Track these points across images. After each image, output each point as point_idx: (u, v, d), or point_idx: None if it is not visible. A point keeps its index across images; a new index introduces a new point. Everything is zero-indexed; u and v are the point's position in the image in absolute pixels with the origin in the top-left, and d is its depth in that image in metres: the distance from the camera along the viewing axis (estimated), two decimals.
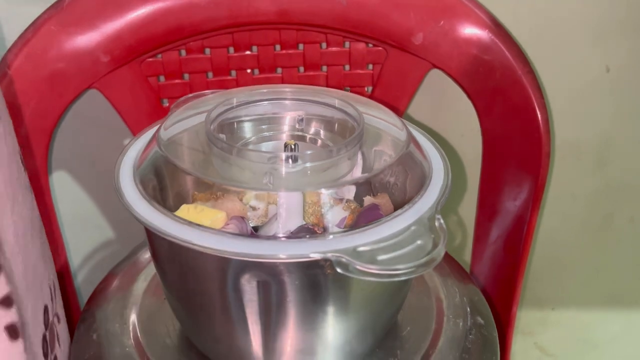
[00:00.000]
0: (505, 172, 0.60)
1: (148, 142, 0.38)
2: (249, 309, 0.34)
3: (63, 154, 0.65)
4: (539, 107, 0.57)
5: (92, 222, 0.70)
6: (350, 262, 0.30)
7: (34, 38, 0.53)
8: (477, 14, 0.56)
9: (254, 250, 0.30)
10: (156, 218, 0.32)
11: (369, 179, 0.39)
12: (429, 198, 0.35)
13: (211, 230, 0.32)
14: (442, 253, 0.31)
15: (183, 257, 0.34)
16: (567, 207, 0.78)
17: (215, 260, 0.32)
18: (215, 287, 0.34)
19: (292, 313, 0.34)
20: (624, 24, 0.65)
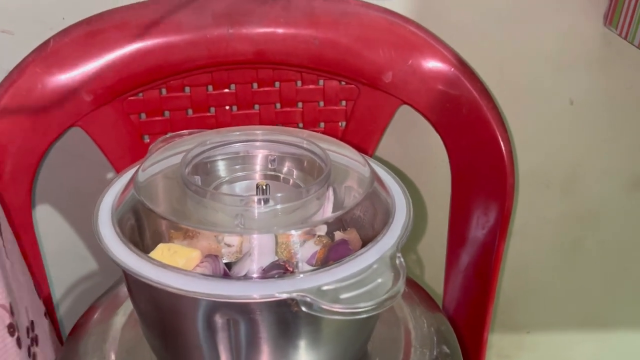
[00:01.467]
0: (473, 202, 0.63)
1: (126, 185, 0.40)
2: (221, 346, 0.36)
3: (47, 188, 0.67)
4: (503, 141, 0.59)
5: (75, 254, 0.72)
6: (314, 301, 0.32)
7: (20, 79, 0.55)
8: (442, 53, 0.59)
9: (224, 291, 0.32)
10: (131, 260, 0.34)
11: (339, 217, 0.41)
12: (391, 236, 0.37)
13: (183, 271, 0.34)
14: (401, 290, 0.33)
15: (157, 297, 0.36)
16: (537, 233, 0.81)
17: (187, 300, 0.34)
18: (188, 325, 0.36)
19: (264, 349, 0.36)
20: (585, 58, 0.69)
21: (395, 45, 0.59)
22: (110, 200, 0.40)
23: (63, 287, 0.73)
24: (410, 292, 0.52)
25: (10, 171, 0.56)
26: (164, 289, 0.33)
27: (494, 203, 0.61)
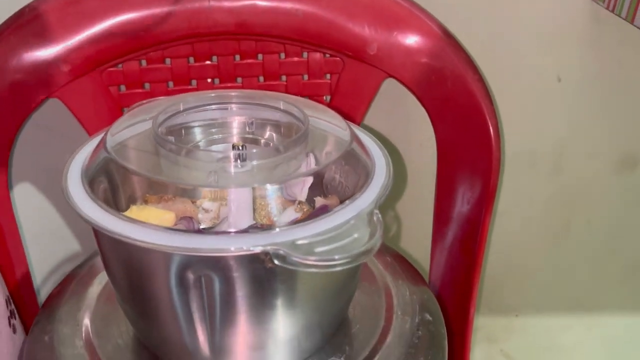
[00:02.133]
0: (458, 176, 0.62)
1: (96, 146, 0.39)
2: (194, 304, 0.35)
3: (24, 165, 0.66)
4: (489, 114, 0.59)
5: (56, 234, 0.71)
6: (288, 254, 0.31)
7: None
8: (428, 25, 0.58)
9: (195, 244, 0.31)
10: (100, 216, 0.33)
11: (315, 175, 0.40)
12: (369, 195, 0.37)
13: (153, 226, 0.33)
14: (377, 244, 0.32)
15: (127, 255, 0.35)
16: (525, 213, 0.80)
17: (157, 256, 0.33)
18: (159, 283, 0.35)
19: (238, 308, 0.35)
20: (572, 35, 0.68)
21: (380, 16, 0.58)
22: (80, 160, 0.39)
23: (44, 269, 0.71)
24: (394, 263, 0.51)
25: None
26: (134, 244, 0.32)
27: (480, 177, 0.60)
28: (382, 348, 0.42)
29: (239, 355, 0.38)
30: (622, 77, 0.71)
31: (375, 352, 0.41)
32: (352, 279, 0.41)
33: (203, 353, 0.37)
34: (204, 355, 0.38)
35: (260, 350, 0.38)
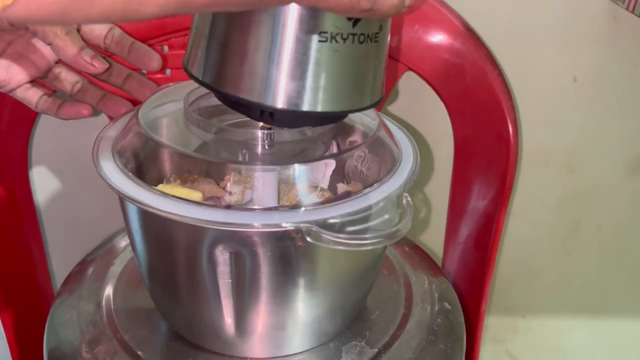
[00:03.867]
0: (475, 171, 0.62)
1: (127, 122, 0.40)
2: (222, 281, 0.35)
3: (43, 149, 0.66)
4: (508, 109, 0.59)
5: (72, 219, 0.71)
6: (320, 232, 0.31)
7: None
8: (449, 20, 0.59)
9: (228, 219, 0.32)
10: (131, 188, 0.33)
11: (338, 161, 0.40)
12: (398, 178, 0.37)
13: (185, 200, 0.33)
14: (408, 226, 0.32)
15: (157, 228, 0.35)
16: (535, 213, 0.81)
17: (189, 230, 0.34)
18: (190, 259, 0.35)
19: (264, 286, 0.35)
20: (590, 35, 0.68)
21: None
22: (110, 137, 0.39)
23: (59, 252, 0.71)
24: (412, 253, 0.52)
25: (7, 122, 0.55)
26: (166, 217, 0.32)
27: (496, 173, 0.61)
28: (402, 334, 0.42)
29: (262, 334, 0.38)
30: (637, 78, 0.72)
31: (395, 338, 0.41)
32: (375, 265, 0.41)
33: (227, 331, 0.38)
34: (227, 333, 0.38)
35: (283, 330, 0.38)
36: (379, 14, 0.30)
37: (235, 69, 0.31)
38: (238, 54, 0.31)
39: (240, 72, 0.31)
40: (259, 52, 0.30)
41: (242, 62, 0.31)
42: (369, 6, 0.29)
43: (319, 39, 0.30)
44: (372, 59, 0.33)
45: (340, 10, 0.29)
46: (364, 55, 0.32)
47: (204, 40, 0.32)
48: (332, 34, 0.30)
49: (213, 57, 0.32)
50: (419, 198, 0.71)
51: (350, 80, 0.32)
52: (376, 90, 0.35)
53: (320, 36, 0.30)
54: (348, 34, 0.31)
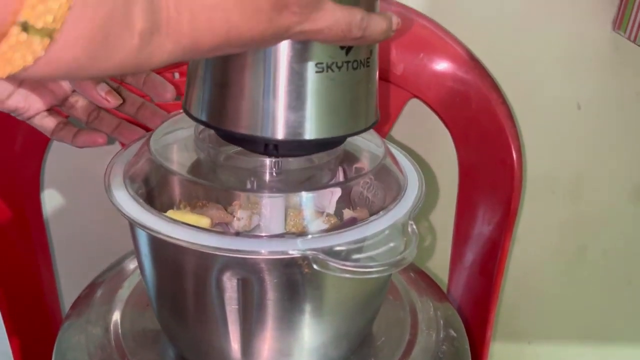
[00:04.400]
0: (479, 197, 0.63)
1: (138, 149, 0.40)
2: (228, 307, 0.35)
3: (54, 170, 0.67)
4: (512, 136, 0.60)
5: (82, 240, 0.71)
6: (326, 259, 0.32)
7: None
8: (454, 48, 0.60)
9: (236, 246, 0.32)
10: (141, 215, 0.34)
11: (344, 188, 0.41)
12: (404, 206, 0.37)
13: (194, 227, 0.33)
14: (413, 254, 0.33)
15: (166, 254, 0.36)
16: (541, 239, 0.81)
17: (197, 256, 0.34)
18: (197, 284, 0.36)
19: (270, 312, 0.36)
20: (593, 64, 0.69)
21: (408, 39, 0.60)
22: (121, 165, 0.40)
23: (69, 274, 0.72)
24: (417, 279, 0.52)
25: (22, 143, 0.56)
26: (175, 244, 0.33)
27: (501, 199, 0.61)
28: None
29: (268, 359, 0.38)
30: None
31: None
32: (380, 292, 0.41)
33: (233, 356, 0.38)
34: (233, 358, 0.38)
35: (289, 356, 0.39)
36: (369, 40, 0.31)
37: (236, 106, 0.32)
38: (237, 92, 0.32)
39: (241, 109, 0.32)
40: (258, 88, 0.31)
41: (242, 99, 0.32)
42: (361, 34, 0.31)
43: (315, 70, 0.31)
44: (365, 82, 0.35)
45: (334, 40, 0.30)
46: (358, 81, 0.34)
47: (201, 81, 0.34)
48: (328, 64, 0.32)
49: (212, 97, 0.33)
50: (424, 226, 0.71)
51: (347, 105, 0.34)
52: (370, 112, 0.37)
53: (317, 67, 0.31)
54: (342, 62, 0.32)
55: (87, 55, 0.23)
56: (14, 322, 0.58)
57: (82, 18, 0.22)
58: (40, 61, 0.22)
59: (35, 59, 0.21)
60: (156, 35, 0.25)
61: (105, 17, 0.23)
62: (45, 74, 0.23)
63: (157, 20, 0.24)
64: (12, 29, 0.20)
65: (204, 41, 0.26)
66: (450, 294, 0.66)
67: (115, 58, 0.24)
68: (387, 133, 0.64)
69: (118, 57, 0.24)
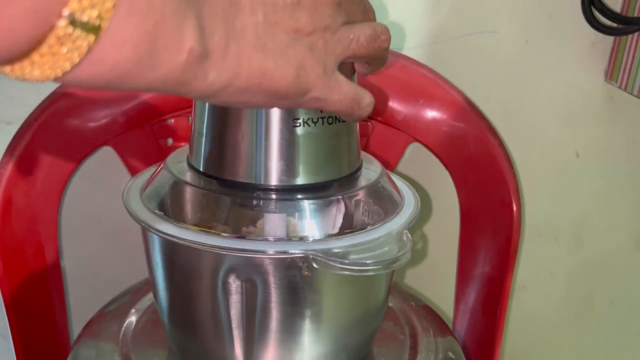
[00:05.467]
0: (480, 237, 0.64)
1: (154, 172, 0.44)
2: (233, 309, 0.37)
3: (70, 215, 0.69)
4: (509, 177, 0.62)
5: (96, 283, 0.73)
6: (325, 258, 0.34)
7: (61, 100, 0.60)
8: (452, 95, 0.64)
9: (239, 245, 0.35)
10: (153, 219, 0.37)
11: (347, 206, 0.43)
12: (399, 219, 0.40)
13: (204, 231, 0.36)
14: (408, 256, 0.35)
15: (176, 257, 0.38)
16: (547, 288, 0.81)
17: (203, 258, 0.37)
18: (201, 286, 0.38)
19: (272, 314, 0.38)
20: (589, 113, 0.72)
21: (407, 87, 0.64)
22: (140, 183, 0.43)
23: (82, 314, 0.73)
24: (418, 308, 0.53)
25: (43, 180, 0.59)
26: (185, 244, 0.35)
27: (501, 238, 0.63)
28: None
29: None
30: (636, 154, 0.75)
31: None
32: (378, 305, 0.43)
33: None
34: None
35: None
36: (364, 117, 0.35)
37: (232, 159, 0.38)
38: (232, 146, 0.38)
39: (236, 161, 0.38)
40: (249, 142, 0.37)
41: (237, 152, 0.38)
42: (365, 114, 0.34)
43: (293, 125, 0.36)
44: (343, 135, 0.39)
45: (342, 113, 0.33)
46: (335, 133, 0.38)
47: (201, 138, 0.39)
48: (304, 119, 0.37)
49: (213, 151, 0.39)
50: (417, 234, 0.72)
51: (327, 154, 0.39)
52: (352, 160, 0.42)
53: (294, 122, 0.36)
54: (317, 118, 0.37)
55: (133, 61, 0.23)
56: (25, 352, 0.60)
57: (129, 21, 0.22)
58: (86, 61, 0.21)
59: (80, 58, 0.21)
60: (203, 59, 0.25)
61: (155, 25, 0.23)
62: (88, 77, 0.22)
63: (206, 44, 0.25)
64: (59, 21, 0.20)
65: (240, 78, 0.27)
66: (455, 332, 0.67)
67: (160, 70, 0.24)
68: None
69: (163, 70, 0.24)
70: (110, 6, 0.21)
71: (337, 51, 0.31)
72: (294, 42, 0.29)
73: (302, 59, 0.29)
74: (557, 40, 0.68)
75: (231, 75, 0.27)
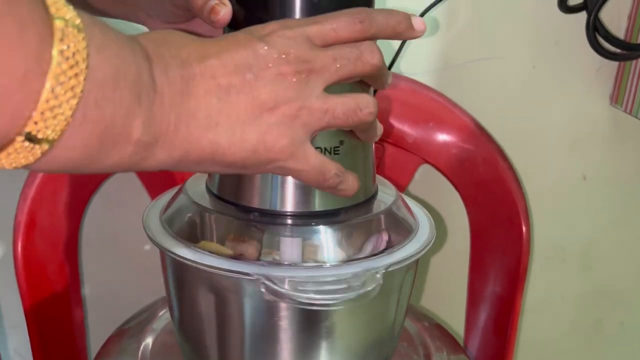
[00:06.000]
0: (490, 258, 0.65)
1: (173, 196, 0.45)
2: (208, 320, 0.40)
3: (88, 235, 0.71)
4: (518, 198, 0.63)
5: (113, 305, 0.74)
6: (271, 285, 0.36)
7: None
8: (461, 118, 0.65)
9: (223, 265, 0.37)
10: (170, 243, 0.39)
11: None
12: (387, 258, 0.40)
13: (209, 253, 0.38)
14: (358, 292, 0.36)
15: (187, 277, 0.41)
16: (557, 310, 0.82)
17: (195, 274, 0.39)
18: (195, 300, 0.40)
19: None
20: (595, 137, 0.74)
21: (418, 111, 0.66)
22: (159, 206, 0.45)
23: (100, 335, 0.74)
24: (432, 328, 0.54)
25: (65, 200, 0.61)
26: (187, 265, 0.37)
27: (511, 258, 0.64)
28: None
29: None
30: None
31: None
32: (393, 331, 0.44)
33: None
34: None
35: None
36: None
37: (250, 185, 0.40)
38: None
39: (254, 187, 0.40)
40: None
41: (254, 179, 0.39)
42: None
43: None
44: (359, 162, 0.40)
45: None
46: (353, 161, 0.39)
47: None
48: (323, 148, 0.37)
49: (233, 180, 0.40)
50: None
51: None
52: (368, 186, 0.42)
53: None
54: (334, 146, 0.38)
55: (83, 158, 0.26)
56: None
57: (81, 130, 0.25)
58: (41, 160, 0.25)
59: (35, 160, 0.25)
60: (152, 145, 0.28)
61: (105, 128, 0.25)
62: (45, 169, 0.26)
63: (155, 132, 0.27)
64: (17, 137, 0.24)
65: (191, 155, 0.30)
66: (467, 351, 0.67)
67: (110, 160, 0.27)
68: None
69: (113, 159, 0.27)
70: (64, 124, 0.24)
71: (308, 123, 0.32)
72: (255, 117, 0.30)
73: (263, 133, 0.31)
74: (563, 65, 0.70)
75: (182, 152, 0.29)
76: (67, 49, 0.24)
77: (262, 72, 0.31)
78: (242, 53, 0.31)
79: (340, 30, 0.33)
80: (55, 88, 0.23)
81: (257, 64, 0.31)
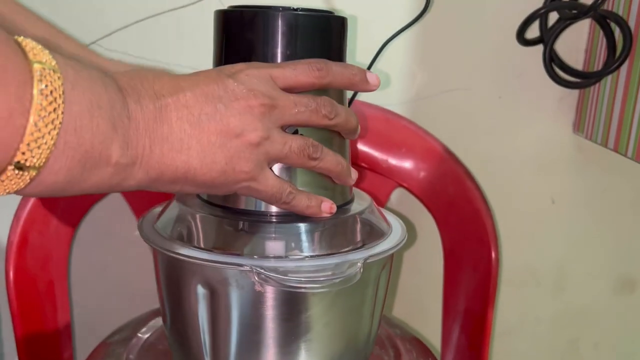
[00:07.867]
0: (462, 275, 0.69)
1: (165, 206, 0.49)
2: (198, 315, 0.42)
3: (77, 263, 0.74)
4: (486, 217, 0.67)
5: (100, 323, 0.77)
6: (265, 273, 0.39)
7: None
8: (431, 144, 0.70)
9: (206, 257, 0.41)
10: (162, 242, 0.42)
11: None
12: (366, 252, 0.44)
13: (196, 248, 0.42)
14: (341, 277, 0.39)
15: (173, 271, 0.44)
16: (532, 332, 0.84)
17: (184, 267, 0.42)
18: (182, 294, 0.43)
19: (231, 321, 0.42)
20: (560, 162, 0.78)
21: (392, 135, 0.70)
22: (153, 215, 0.49)
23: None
24: (402, 334, 0.57)
25: (57, 222, 0.65)
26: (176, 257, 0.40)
27: (482, 274, 0.67)
28: None
29: None
30: (609, 202, 0.79)
31: None
32: (367, 331, 0.47)
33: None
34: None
35: None
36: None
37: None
38: None
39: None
40: None
41: None
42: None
43: None
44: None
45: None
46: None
47: None
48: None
49: None
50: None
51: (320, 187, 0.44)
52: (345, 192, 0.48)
53: None
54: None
55: (67, 180, 0.29)
56: None
57: (63, 155, 0.29)
58: (29, 185, 0.29)
59: (25, 185, 0.29)
60: (130, 166, 0.32)
61: (85, 153, 0.29)
62: (33, 193, 0.30)
63: (132, 155, 0.31)
64: (8, 167, 0.28)
65: (166, 175, 0.34)
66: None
67: (91, 181, 0.30)
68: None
69: (93, 180, 0.31)
70: (48, 152, 0.28)
71: (269, 151, 0.37)
72: (224, 143, 0.35)
73: (230, 156, 0.35)
74: (528, 95, 0.74)
75: (158, 172, 0.33)
76: (46, 87, 0.28)
77: (232, 103, 0.36)
78: (213, 87, 0.36)
79: (300, 75, 0.39)
80: (38, 122, 0.27)
81: (227, 97, 0.36)
